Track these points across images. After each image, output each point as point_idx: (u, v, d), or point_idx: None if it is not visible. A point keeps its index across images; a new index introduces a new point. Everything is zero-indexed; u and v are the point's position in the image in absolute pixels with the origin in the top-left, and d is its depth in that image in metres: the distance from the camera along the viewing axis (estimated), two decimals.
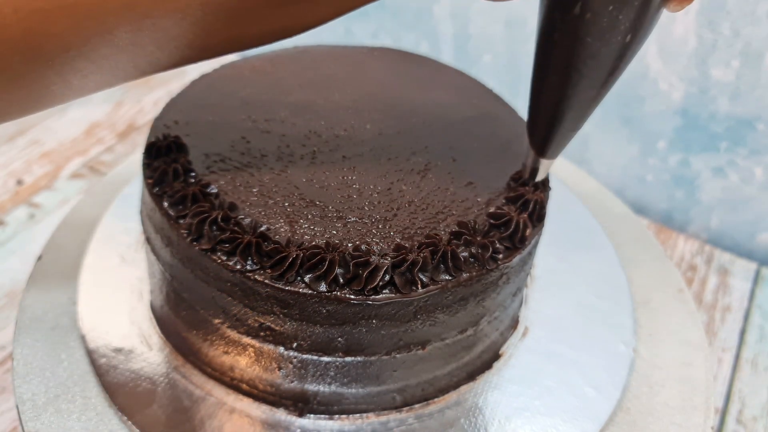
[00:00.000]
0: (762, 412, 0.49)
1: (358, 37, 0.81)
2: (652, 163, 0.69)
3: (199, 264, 0.37)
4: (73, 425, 0.39)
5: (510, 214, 0.39)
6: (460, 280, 0.36)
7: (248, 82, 0.49)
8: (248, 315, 0.37)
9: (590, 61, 0.32)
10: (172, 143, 0.42)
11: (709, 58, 0.61)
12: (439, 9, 0.74)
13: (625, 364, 0.45)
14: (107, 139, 0.70)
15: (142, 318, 0.45)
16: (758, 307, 0.58)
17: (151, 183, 0.40)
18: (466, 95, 0.49)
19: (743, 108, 0.61)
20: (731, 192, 0.66)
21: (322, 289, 0.35)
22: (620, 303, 0.50)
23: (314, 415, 0.41)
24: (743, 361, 0.53)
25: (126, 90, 0.78)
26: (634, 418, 0.43)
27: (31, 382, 0.41)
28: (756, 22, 0.57)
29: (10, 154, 0.67)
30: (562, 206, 0.55)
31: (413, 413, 0.42)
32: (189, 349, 0.43)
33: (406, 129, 0.46)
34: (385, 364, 0.38)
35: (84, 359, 0.43)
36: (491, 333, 0.43)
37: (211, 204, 0.38)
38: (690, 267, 0.61)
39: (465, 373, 0.43)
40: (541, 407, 0.42)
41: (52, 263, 0.49)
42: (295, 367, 0.39)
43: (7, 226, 0.59)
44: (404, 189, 0.41)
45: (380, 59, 0.53)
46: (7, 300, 0.52)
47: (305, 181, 0.41)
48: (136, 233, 0.51)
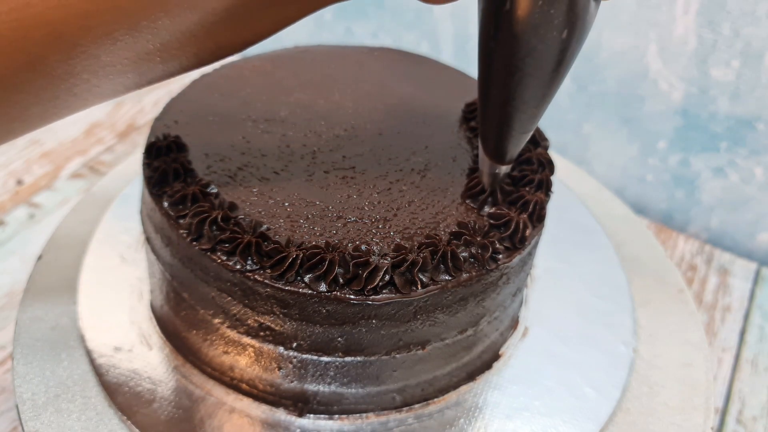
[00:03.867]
0: (762, 412, 0.49)
1: (358, 37, 0.81)
2: (652, 163, 0.69)
3: (199, 264, 0.37)
4: (73, 425, 0.39)
5: (510, 215, 0.39)
6: (460, 281, 0.36)
7: (248, 82, 0.49)
8: (248, 315, 0.37)
9: (529, 59, 0.31)
10: (172, 143, 0.42)
11: (709, 58, 0.61)
12: (439, 9, 0.74)
13: (625, 364, 0.45)
14: (107, 139, 0.70)
15: (142, 318, 0.45)
16: (758, 307, 0.58)
17: (151, 183, 0.40)
18: (465, 95, 0.49)
19: (743, 108, 0.61)
20: (731, 192, 0.66)
21: (322, 289, 0.35)
22: (620, 303, 0.50)
23: (314, 415, 0.41)
24: (743, 361, 0.53)
25: None
26: (634, 418, 0.43)
27: (31, 382, 0.41)
28: (756, 22, 0.57)
29: (10, 154, 0.67)
30: (562, 206, 0.55)
31: (413, 413, 0.42)
32: (189, 349, 0.43)
33: (406, 129, 0.46)
34: (384, 364, 0.38)
35: (84, 359, 0.43)
36: (491, 333, 0.43)
37: (211, 204, 0.38)
38: (690, 267, 0.61)
39: (465, 373, 0.43)
40: (541, 407, 0.42)
41: (52, 263, 0.49)
42: (294, 367, 0.39)
43: (7, 226, 0.59)
44: (404, 189, 0.41)
45: (380, 59, 0.53)
46: (7, 300, 0.52)
47: (305, 181, 0.41)
48: (136, 233, 0.51)
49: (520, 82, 0.33)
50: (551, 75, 0.33)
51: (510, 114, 0.34)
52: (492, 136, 0.37)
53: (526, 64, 0.32)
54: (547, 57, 0.31)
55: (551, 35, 0.30)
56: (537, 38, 0.31)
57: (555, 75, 0.33)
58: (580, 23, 0.31)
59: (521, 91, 0.33)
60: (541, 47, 0.31)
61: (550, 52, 0.31)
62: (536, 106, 0.34)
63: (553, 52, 0.31)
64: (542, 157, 0.43)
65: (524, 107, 0.34)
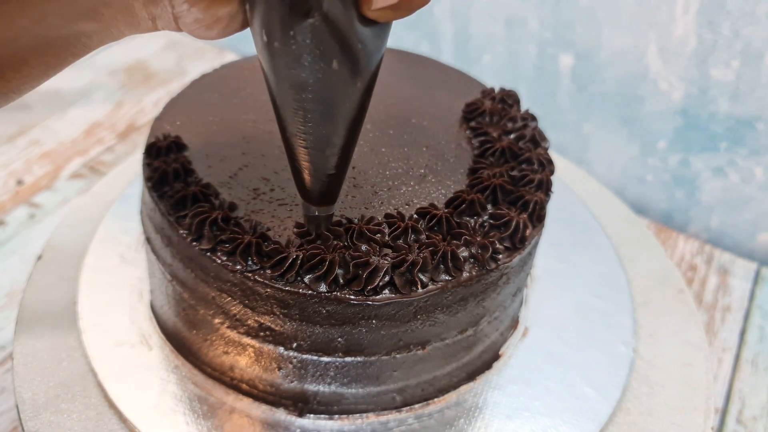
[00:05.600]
0: (762, 412, 0.49)
1: None
2: (652, 163, 0.69)
3: (199, 264, 0.37)
4: (73, 425, 0.39)
5: (510, 215, 0.39)
6: (460, 281, 0.36)
7: (248, 82, 0.49)
8: (248, 315, 0.37)
9: (303, 93, 0.30)
10: (172, 143, 0.42)
11: (709, 58, 0.61)
12: (439, 9, 0.74)
13: (625, 364, 0.45)
14: (107, 139, 0.70)
15: (142, 318, 0.45)
16: (758, 307, 0.58)
17: (151, 183, 0.40)
18: (466, 95, 0.49)
19: (743, 108, 0.61)
20: (731, 192, 0.66)
21: (322, 290, 0.35)
22: (620, 303, 0.50)
23: (314, 415, 0.41)
24: (743, 361, 0.53)
25: (126, 90, 0.78)
26: (634, 418, 0.43)
27: (31, 382, 0.41)
28: (756, 22, 0.57)
29: (10, 154, 0.67)
30: (562, 206, 0.55)
31: (413, 413, 0.42)
32: (189, 349, 0.43)
33: (406, 129, 0.46)
34: (384, 365, 0.38)
35: (84, 359, 0.43)
36: (491, 333, 0.43)
37: (211, 204, 0.38)
38: (690, 267, 0.61)
39: (465, 373, 0.43)
40: (541, 407, 0.42)
41: (52, 263, 0.49)
42: (294, 367, 0.39)
43: (7, 226, 0.59)
44: (404, 189, 0.41)
45: None
46: (7, 300, 0.52)
47: None
48: (136, 233, 0.51)
49: (307, 120, 0.31)
50: (335, 110, 0.31)
51: (310, 156, 0.33)
52: (301, 181, 0.35)
53: (301, 99, 0.30)
54: (321, 89, 0.30)
55: (318, 66, 0.29)
56: (301, 68, 0.29)
57: (338, 109, 0.31)
58: (348, 50, 0.28)
59: (309, 129, 0.31)
60: (312, 80, 0.29)
61: (324, 84, 0.29)
62: (334, 144, 0.32)
63: (328, 83, 0.29)
64: (542, 157, 0.43)
65: (321, 146, 0.32)
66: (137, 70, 0.82)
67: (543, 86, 0.72)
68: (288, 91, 0.30)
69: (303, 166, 0.34)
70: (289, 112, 0.31)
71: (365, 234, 0.37)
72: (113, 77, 0.80)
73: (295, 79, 0.29)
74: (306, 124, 0.31)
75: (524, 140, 0.44)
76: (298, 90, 0.30)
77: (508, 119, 0.46)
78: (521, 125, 0.46)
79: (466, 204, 0.39)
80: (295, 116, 0.31)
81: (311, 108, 0.31)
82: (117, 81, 0.80)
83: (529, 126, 0.46)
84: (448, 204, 0.39)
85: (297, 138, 0.32)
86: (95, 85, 0.79)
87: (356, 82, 0.30)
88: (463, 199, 0.39)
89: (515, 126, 0.46)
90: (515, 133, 0.45)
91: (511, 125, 0.46)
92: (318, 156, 0.33)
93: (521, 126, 0.46)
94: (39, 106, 0.74)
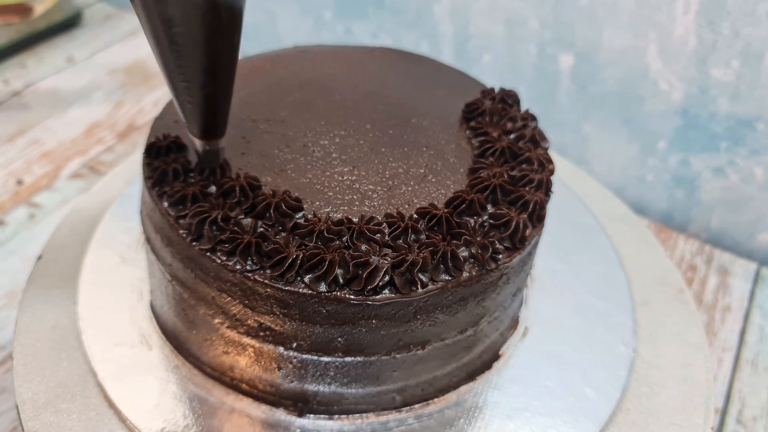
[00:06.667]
0: (762, 412, 0.49)
1: (358, 37, 0.81)
2: (652, 163, 0.69)
3: (199, 264, 0.37)
4: (73, 425, 0.39)
5: (510, 215, 0.39)
6: (460, 281, 0.36)
7: (248, 82, 0.49)
8: (248, 315, 0.37)
9: (173, 28, 0.32)
10: (172, 143, 0.42)
11: (709, 58, 0.61)
12: (439, 9, 0.74)
13: (625, 365, 0.45)
14: (107, 139, 0.70)
15: (142, 318, 0.45)
16: (758, 307, 0.58)
17: (151, 183, 0.40)
18: (465, 95, 0.49)
19: (743, 108, 0.61)
20: (731, 192, 0.66)
21: (321, 290, 0.35)
22: (620, 303, 0.50)
23: (314, 415, 0.41)
24: (743, 361, 0.53)
25: (126, 90, 0.78)
26: (634, 418, 0.43)
27: (31, 382, 0.41)
28: (756, 22, 0.57)
29: (10, 154, 0.67)
30: (562, 206, 0.55)
31: (413, 413, 0.42)
32: (189, 349, 0.43)
33: (406, 129, 0.46)
34: (384, 365, 0.38)
35: (84, 359, 0.43)
36: (491, 333, 0.43)
37: (211, 204, 0.38)
38: (690, 267, 0.61)
39: (465, 374, 0.43)
40: (541, 407, 0.42)
41: (52, 263, 0.49)
42: (294, 367, 0.39)
43: (7, 226, 0.59)
44: (404, 190, 0.41)
45: (380, 59, 0.53)
46: (7, 300, 0.52)
47: (305, 182, 0.41)
48: (136, 233, 0.51)
49: (162, 48, 0.33)
50: (197, 43, 0.33)
51: (179, 83, 0.35)
52: (181, 110, 0.37)
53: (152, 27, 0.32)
54: (184, 21, 0.32)
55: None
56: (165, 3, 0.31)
57: (202, 43, 0.33)
58: None
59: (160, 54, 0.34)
60: (172, 12, 0.31)
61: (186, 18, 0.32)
62: (178, 71, 0.34)
63: (189, 17, 0.32)
64: (542, 157, 0.43)
65: (179, 72, 0.34)
66: (137, 70, 0.82)
67: (543, 86, 0.72)
68: (159, 26, 0.32)
69: (185, 99, 0.36)
70: (165, 48, 0.33)
71: (365, 234, 0.37)
72: (113, 77, 0.80)
73: (164, 14, 0.32)
74: (181, 58, 0.34)
75: (524, 140, 0.44)
76: (167, 25, 0.32)
77: (508, 119, 0.47)
78: (521, 125, 0.46)
79: (466, 204, 0.39)
80: (170, 52, 0.33)
81: (183, 42, 0.33)
82: (117, 81, 0.80)
83: (529, 126, 0.46)
84: (448, 204, 0.39)
85: (176, 74, 0.34)
86: (95, 85, 0.79)
87: (220, 14, 0.32)
88: (463, 199, 0.39)
89: (515, 126, 0.46)
90: (515, 133, 0.45)
91: (511, 125, 0.46)
92: (197, 89, 0.35)
93: (521, 126, 0.46)
94: (39, 106, 0.74)
